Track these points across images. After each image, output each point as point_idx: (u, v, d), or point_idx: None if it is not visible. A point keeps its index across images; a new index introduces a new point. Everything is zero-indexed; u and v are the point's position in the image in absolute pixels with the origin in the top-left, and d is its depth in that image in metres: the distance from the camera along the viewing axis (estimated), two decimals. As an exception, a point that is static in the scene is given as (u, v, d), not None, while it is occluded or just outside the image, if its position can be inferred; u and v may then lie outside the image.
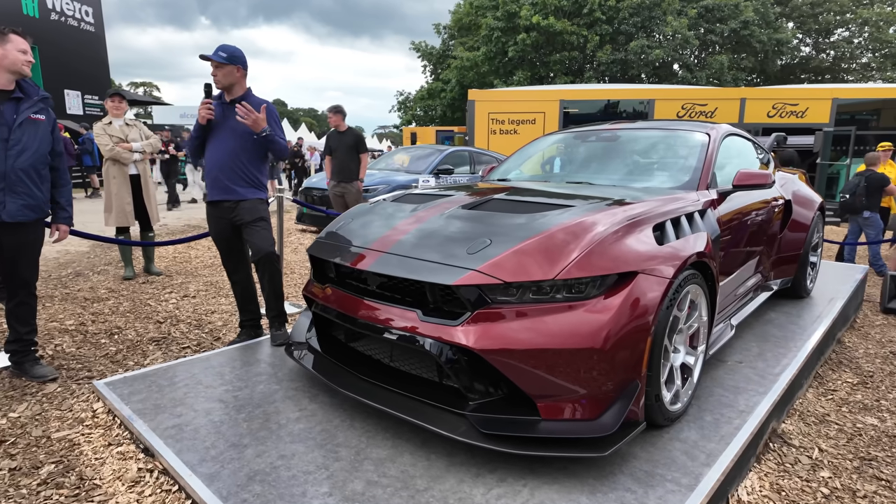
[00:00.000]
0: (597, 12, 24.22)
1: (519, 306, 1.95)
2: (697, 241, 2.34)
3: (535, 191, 2.81)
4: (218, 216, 3.22)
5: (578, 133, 3.79)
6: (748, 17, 24.80)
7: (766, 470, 2.30)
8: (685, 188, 2.88)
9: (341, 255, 2.44)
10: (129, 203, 4.85)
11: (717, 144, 3.19)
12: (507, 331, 1.92)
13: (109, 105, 4.81)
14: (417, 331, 2.06)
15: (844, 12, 29.06)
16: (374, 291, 2.34)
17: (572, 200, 2.47)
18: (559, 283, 1.94)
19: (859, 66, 30.65)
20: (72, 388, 2.75)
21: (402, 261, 2.17)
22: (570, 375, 1.91)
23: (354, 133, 6.52)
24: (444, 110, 28.55)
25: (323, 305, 2.55)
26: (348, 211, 2.97)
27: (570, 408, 1.94)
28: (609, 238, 2.06)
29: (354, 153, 6.42)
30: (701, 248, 2.31)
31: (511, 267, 1.96)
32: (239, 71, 3.17)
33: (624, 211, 2.27)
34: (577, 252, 1.98)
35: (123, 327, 3.67)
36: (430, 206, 2.59)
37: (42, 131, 2.75)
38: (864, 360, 3.77)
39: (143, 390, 2.61)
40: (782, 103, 14.51)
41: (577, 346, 1.89)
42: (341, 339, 2.72)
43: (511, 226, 2.20)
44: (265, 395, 2.56)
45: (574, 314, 1.93)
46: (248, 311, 3.44)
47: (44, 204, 2.76)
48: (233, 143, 3.15)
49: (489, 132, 14.79)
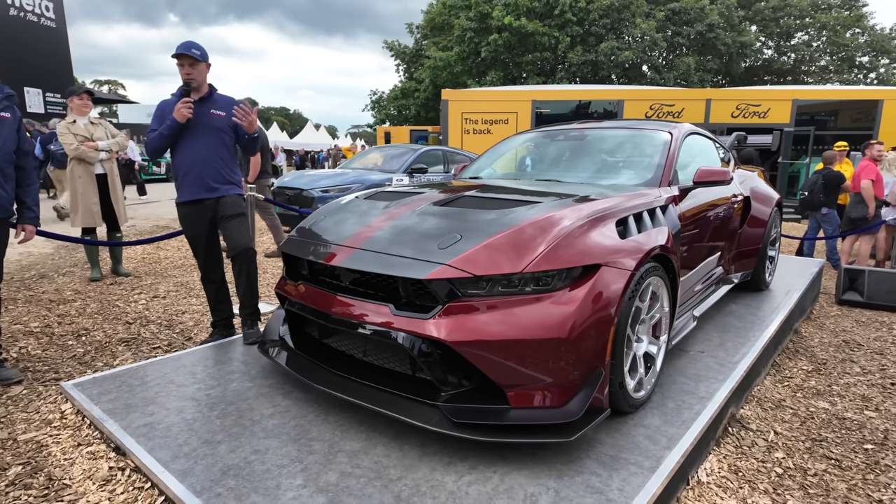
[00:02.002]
0: (568, 14, 24.57)
1: (488, 299, 2.01)
2: (659, 235, 2.44)
3: (505, 188, 2.88)
4: (197, 215, 3.20)
5: (548, 132, 3.88)
6: (713, 21, 25.46)
7: (725, 452, 2.42)
8: (648, 185, 2.99)
9: (314, 252, 2.46)
10: (96, 203, 4.76)
11: (679, 143, 3.31)
12: (478, 323, 1.98)
13: (77, 103, 4.70)
14: (391, 325, 2.10)
15: (804, 16, 30.09)
16: (347, 287, 2.37)
17: (540, 197, 2.54)
18: (527, 276, 2.01)
19: (818, 68, 31.77)
20: (38, 391, 2.71)
21: (375, 256, 2.21)
22: (538, 365, 1.98)
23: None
24: (418, 110, 28.57)
25: (296, 302, 2.57)
26: (321, 208, 2.99)
27: (538, 396, 2.01)
28: (574, 232, 2.13)
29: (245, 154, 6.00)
30: (662, 242, 2.41)
31: (480, 261, 2.02)
32: (207, 67, 3.17)
33: (589, 206, 2.35)
34: (543, 246, 2.05)
35: (91, 329, 3.61)
36: (403, 204, 2.63)
37: (7, 129, 2.70)
38: (818, 348, 3.95)
39: (112, 391, 2.59)
40: (745, 104, 14.96)
41: (544, 337, 1.96)
42: (314, 336, 2.74)
43: (481, 221, 2.26)
44: (238, 392, 2.57)
45: (541, 306, 2.00)
46: (220, 310, 3.43)
47: (7, 203, 2.71)
48: (211, 142, 3.15)
49: (463, 132, 14.88)
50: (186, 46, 3.07)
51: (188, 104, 3.07)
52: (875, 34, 29.76)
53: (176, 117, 3.08)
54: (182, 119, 3.07)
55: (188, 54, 3.05)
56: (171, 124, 3.11)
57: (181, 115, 3.07)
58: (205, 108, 3.14)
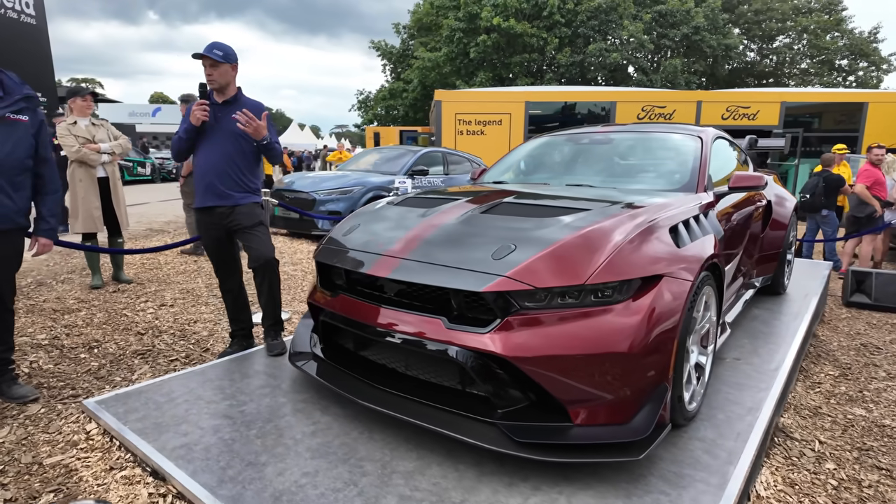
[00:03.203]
0: (556, 15, 24.64)
1: (548, 312, 1.94)
2: (708, 242, 2.39)
3: (542, 194, 2.81)
4: (211, 223, 3.08)
5: (570, 136, 3.83)
6: (699, 23, 25.76)
7: (776, 465, 2.37)
8: (684, 190, 2.95)
9: (354, 262, 2.37)
10: (98, 208, 4.58)
11: (709, 147, 3.27)
12: (539, 338, 1.91)
13: (80, 104, 4.52)
14: (443, 339, 2.02)
15: (785, 20, 30.61)
16: (391, 299, 2.28)
17: (585, 203, 2.47)
18: (588, 288, 1.94)
19: (799, 71, 32.36)
20: (57, 409, 2.56)
21: (425, 267, 2.12)
22: (602, 380, 1.91)
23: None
24: (406, 110, 28.43)
25: (333, 314, 2.47)
26: (353, 216, 2.89)
27: (602, 412, 1.94)
28: (634, 241, 2.07)
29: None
30: (713, 251, 2.36)
31: (540, 272, 1.95)
32: (234, 69, 3.04)
33: (641, 214, 2.29)
34: (604, 256, 1.98)
35: (102, 340, 3.46)
36: (442, 211, 2.54)
37: (21, 133, 2.55)
38: (839, 352, 3.95)
39: (139, 408, 2.46)
40: (735, 106, 15.13)
41: (608, 351, 1.89)
42: (348, 348, 2.64)
43: (532, 230, 2.19)
44: (273, 408, 2.46)
45: (604, 319, 1.93)
46: (240, 320, 3.30)
47: (15, 214, 2.54)
48: (229, 147, 3.01)
49: (456, 133, 14.80)
50: (208, 48, 2.95)
51: (203, 106, 2.94)
52: (854, 38, 30.40)
53: (191, 120, 2.96)
54: (196, 122, 2.95)
55: (209, 56, 2.92)
56: (188, 127, 2.99)
57: (195, 118, 2.94)
58: (227, 112, 3.02)
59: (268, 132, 3.01)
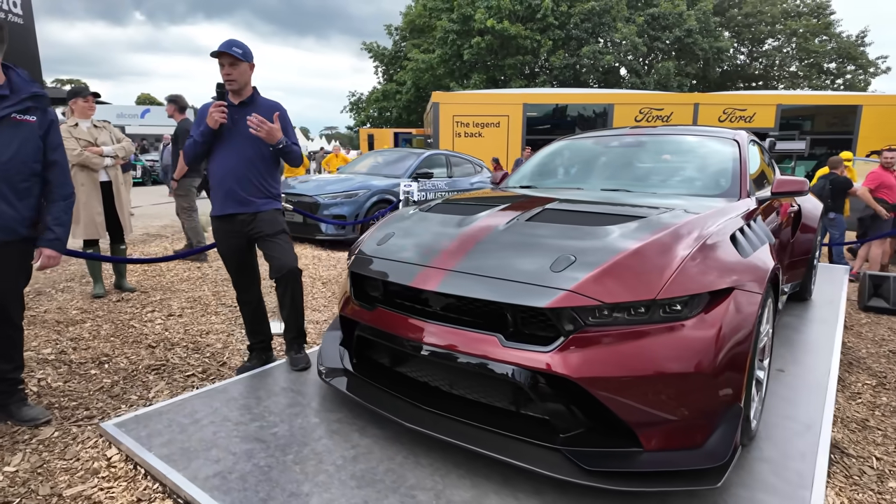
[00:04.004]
0: (549, 17, 24.62)
1: (615, 329, 1.81)
2: (766, 251, 2.28)
3: (585, 200, 2.68)
4: (231, 231, 2.92)
5: (598, 139, 3.71)
6: (691, 26, 25.88)
7: (839, 484, 2.26)
8: (727, 196, 2.84)
9: (395, 274, 2.23)
10: (100, 213, 4.39)
11: (747, 151, 3.17)
12: (606, 357, 1.78)
13: (82, 105, 4.32)
14: (500, 358, 1.88)
15: (775, 23, 30.88)
16: (435, 313, 2.14)
17: (635, 210, 2.35)
18: (658, 303, 1.81)
19: (788, 73, 32.66)
20: (72, 432, 2.39)
21: (476, 280, 1.99)
22: (675, 401, 1.78)
23: (181, 125, 5.88)
24: (400, 112, 28.25)
25: (369, 328, 2.33)
26: (383, 223, 2.74)
27: (674, 436, 1.81)
28: (701, 252, 1.95)
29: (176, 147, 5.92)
30: (774, 260, 2.25)
31: (607, 286, 1.82)
32: (251, 68, 2.89)
33: (699, 222, 2.17)
34: (673, 268, 1.86)
35: (112, 354, 3.28)
36: (482, 219, 2.41)
37: (27, 135, 2.36)
38: (870, 360, 3.87)
39: (162, 431, 2.29)
40: (732, 108, 15.19)
41: (681, 370, 1.77)
42: (382, 363, 2.50)
43: (587, 239, 2.06)
44: (306, 430, 2.30)
45: (675, 336, 1.80)
46: (259, 333, 3.14)
47: (17, 224, 2.34)
48: (248, 151, 2.85)
49: (454, 135, 14.69)
50: (227, 45, 2.79)
51: (221, 108, 2.78)
52: (842, 41, 30.73)
53: (208, 122, 2.79)
54: (214, 125, 2.78)
55: (228, 52, 2.76)
56: (204, 130, 2.82)
57: (213, 121, 2.77)
58: (244, 114, 2.86)
59: (284, 134, 2.87)
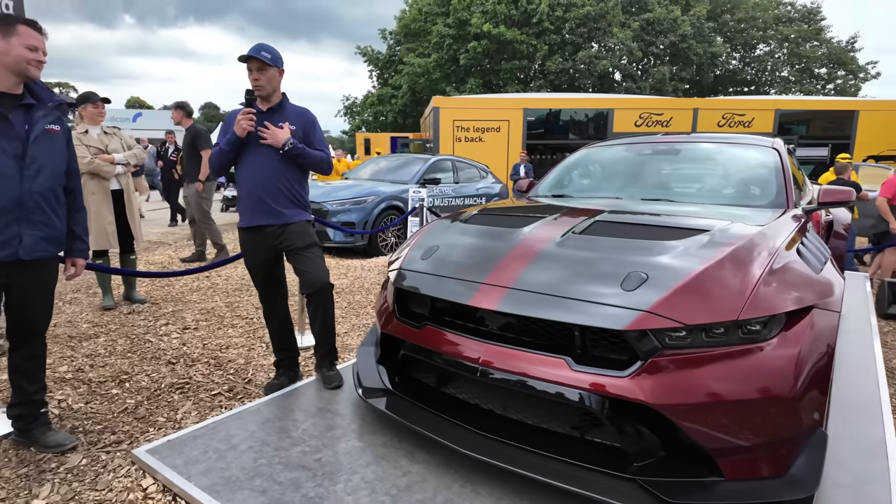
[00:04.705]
0: (545, 22, 24.64)
1: (694, 352, 1.71)
2: (832, 266, 2.20)
3: (637, 211, 2.59)
4: (259, 243, 2.80)
5: (629, 146, 3.63)
6: (686, 31, 26.03)
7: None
8: (773, 206, 2.76)
9: (448, 291, 2.12)
10: (112, 223, 4.24)
11: (787, 159, 3.10)
12: (687, 381, 1.68)
13: (91, 111, 4.17)
14: (569, 382, 1.78)
15: (767, 29, 31.16)
16: (492, 332, 2.04)
17: (694, 222, 2.26)
18: (738, 324, 1.72)
19: (780, 79, 32.95)
20: (101, 460, 2.25)
21: (541, 299, 1.88)
22: (756, 427, 1.69)
23: (192, 129, 6.09)
24: (395, 116, 28.11)
25: (419, 347, 2.21)
26: (423, 236, 2.63)
27: (756, 464, 1.72)
28: (777, 269, 1.86)
29: (195, 151, 6.02)
30: (841, 276, 2.16)
31: (685, 306, 1.72)
32: (280, 74, 2.77)
33: (768, 236, 2.09)
34: (751, 286, 1.77)
35: (131, 372, 3.13)
36: (533, 232, 2.31)
37: (58, 145, 2.26)
38: (903, 370, 3.80)
39: (200, 458, 2.16)
40: (731, 113, 15.22)
41: (765, 394, 1.68)
42: (426, 383, 2.39)
43: (653, 255, 1.96)
44: (352, 455, 2.19)
45: (756, 358, 1.71)
46: (286, 349, 3.02)
47: (62, 235, 2.26)
48: (276, 159, 2.74)
49: (454, 139, 14.59)
50: (256, 49, 2.68)
51: (250, 116, 2.67)
52: (832, 47, 31.06)
53: (236, 130, 2.67)
54: (242, 133, 2.67)
55: (257, 57, 2.65)
56: (232, 139, 2.70)
57: (241, 129, 2.66)
58: (273, 121, 2.74)
59: (307, 142, 2.77)
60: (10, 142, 2.05)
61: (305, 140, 2.81)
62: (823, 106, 16.02)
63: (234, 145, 2.72)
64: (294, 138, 2.73)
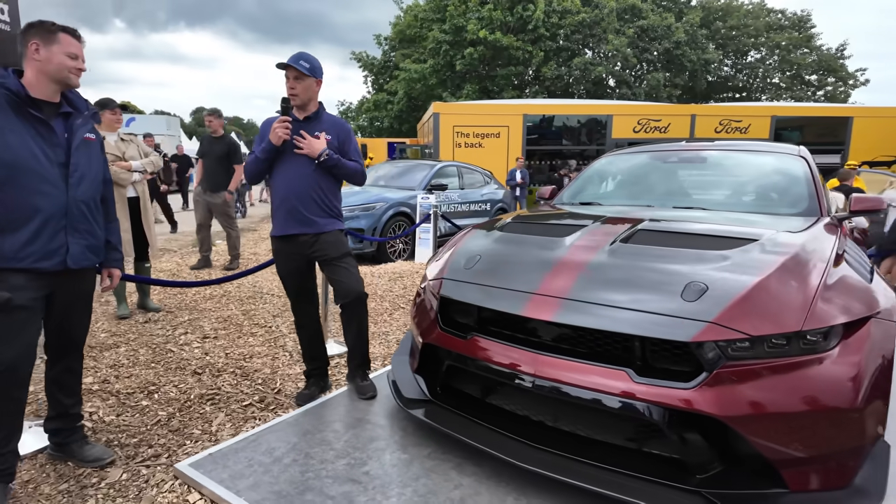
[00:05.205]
0: (541, 29, 24.79)
1: (758, 363, 1.71)
2: (879, 275, 2.21)
3: (678, 219, 2.59)
4: (292, 252, 2.77)
5: (654, 154, 3.64)
6: (679, 38, 26.29)
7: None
8: (806, 215, 2.78)
9: (498, 301, 2.11)
10: (128, 230, 4.18)
11: (815, 166, 3.12)
12: (752, 393, 1.68)
13: (109, 118, 4.12)
14: (631, 394, 1.76)
15: (758, 36, 31.54)
16: (544, 343, 2.02)
17: (739, 231, 2.26)
18: (800, 335, 1.72)
19: (771, 85, 33.34)
20: (142, 474, 2.20)
21: (602, 310, 1.87)
22: (821, 438, 1.69)
23: (228, 141, 6.22)
24: (391, 122, 28.14)
25: (465, 357, 2.19)
26: (460, 245, 2.62)
27: (820, 475, 1.71)
28: (833, 279, 1.87)
29: (226, 162, 6.14)
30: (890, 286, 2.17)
31: (749, 317, 1.72)
32: (318, 84, 2.76)
33: (818, 245, 2.09)
34: (811, 296, 1.77)
35: (158, 382, 3.08)
36: (578, 241, 2.30)
37: (95, 153, 2.23)
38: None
39: (244, 471, 2.13)
40: (728, 119, 15.36)
41: (829, 404, 1.68)
42: (469, 394, 2.37)
43: (708, 264, 1.96)
44: (400, 468, 2.16)
45: (819, 368, 1.71)
46: (317, 358, 2.99)
47: (102, 244, 2.23)
48: (311, 168, 2.72)
49: (454, 145, 14.60)
50: (295, 58, 2.66)
51: (286, 124, 2.65)
52: (822, 54, 31.48)
53: (271, 139, 2.66)
54: (278, 141, 2.65)
55: (294, 66, 2.63)
56: (267, 147, 2.69)
57: (276, 137, 2.64)
58: (308, 130, 2.73)
59: (342, 153, 2.77)
60: (53, 150, 2.01)
61: (341, 150, 2.79)
62: (818, 112, 16.21)
63: (270, 153, 2.70)
64: (329, 149, 2.71)
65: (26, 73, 1.99)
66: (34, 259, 1.93)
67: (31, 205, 1.92)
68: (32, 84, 1.98)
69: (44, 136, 1.98)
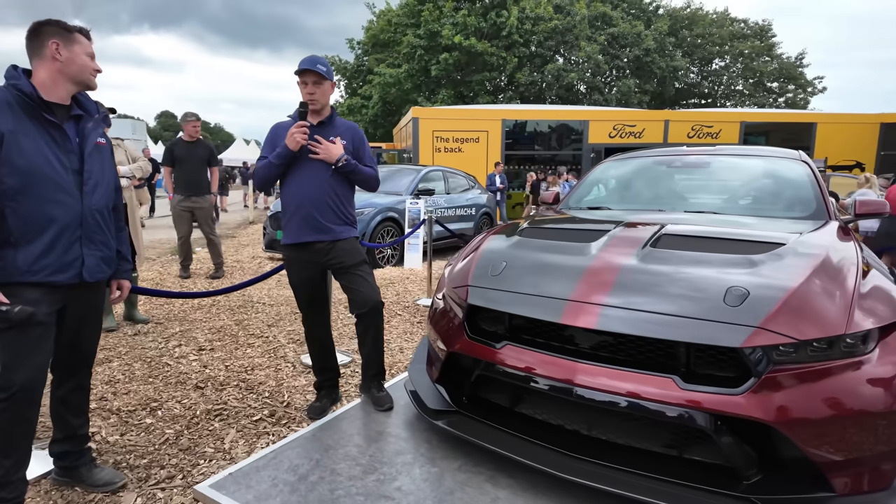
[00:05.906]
0: (514, 35, 25.03)
1: (802, 367, 1.71)
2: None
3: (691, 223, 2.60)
4: (307, 260, 2.69)
5: (658, 158, 3.67)
6: (649, 46, 26.90)
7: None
8: (814, 218, 2.83)
9: (533, 308, 2.07)
10: (116, 239, 4.00)
11: (817, 170, 3.19)
12: (799, 397, 1.68)
13: (97, 121, 3.94)
14: (679, 401, 1.75)
15: (723, 44, 32.53)
16: (581, 351, 1.99)
17: (765, 235, 2.27)
18: (842, 338, 1.73)
19: (735, 92, 34.41)
20: (157, 497, 2.08)
21: (644, 317, 1.86)
22: (866, 440, 1.70)
23: (208, 144, 6.25)
24: (366, 126, 27.94)
25: (497, 367, 2.14)
26: (483, 252, 2.57)
27: (865, 478, 1.73)
28: (866, 282, 1.90)
29: (206, 166, 6.12)
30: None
31: (795, 321, 1.73)
32: (333, 87, 2.69)
33: (844, 249, 2.13)
34: (850, 299, 1.80)
35: (160, 399, 2.94)
36: (606, 246, 2.28)
37: (107, 159, 2.11)
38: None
39: (271, 492, 2.03)
40: (700, 125, 15.76)
41: (874, 407, 1.69)
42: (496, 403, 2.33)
43: (744, 269, 1.96)
44: (431, 482, 2.10)
45: (862, 371, 1.73)
46: (328, 369, 2.91)
47: (115, 255, 2.11)
48: (326, 174, 2.64)
49: (434, 150, 14.57)
50: (312, 62, 2.59)
51: (304, 129, 2.57)
52: (782, 62, 32.68)
53: (288, 144, 2.56)
54: (295, 147, 2.56)
55: (314, 70, 2.56)
56: (283, 152, 2.59)
57: (294, 143, 2.56)
58: (323, 135, 2.66)
59: (357, 157, 2.71)
60: (67, 156, 1.89)
61: (356, 156, 2.73)
62: (785, 118, 16.81)
63: (286, 159, 2.61)
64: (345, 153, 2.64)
65: (38, 74, 1.87)
66: (49, 272, 1.80)
67: (46, 215, 1.80)
68: (46, 86, 1.86)
69: (58, 142, 1.86)
